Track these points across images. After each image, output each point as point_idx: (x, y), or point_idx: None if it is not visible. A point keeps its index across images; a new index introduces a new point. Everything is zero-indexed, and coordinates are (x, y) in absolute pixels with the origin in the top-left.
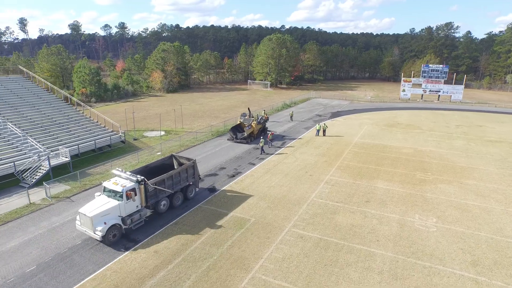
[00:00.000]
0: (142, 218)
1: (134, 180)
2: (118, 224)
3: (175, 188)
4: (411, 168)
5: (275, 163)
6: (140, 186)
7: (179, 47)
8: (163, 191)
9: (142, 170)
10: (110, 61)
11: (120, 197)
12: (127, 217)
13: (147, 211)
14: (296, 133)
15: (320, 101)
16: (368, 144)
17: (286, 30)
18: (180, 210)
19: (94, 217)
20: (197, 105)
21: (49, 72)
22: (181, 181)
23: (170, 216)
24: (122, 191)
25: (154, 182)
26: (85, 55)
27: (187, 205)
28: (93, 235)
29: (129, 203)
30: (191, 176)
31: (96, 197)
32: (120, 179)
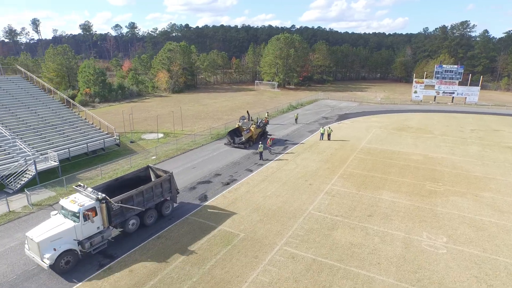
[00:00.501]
0: (105, 240)
1: (94, 198)
2: (73, 249)
3: (147, 205)
4: (420, 178)
5: (273, 169)
6: (101, 205)
7: (185, 47)
8: (131, 209)
9: (112, 184)
10: (116, 61)
11: (76, 218)
12: (85, 240)
13: (112, 231)
14: (300, 136)
15: (328, 102)
16: (375, 150)
17: (297, 30)
18: (166, 222)
19: (42, 242)
20: (201, 106)
21: (55, 72)
22: (154, 197)
23: (154, 228)
24: (78, 211)
25: (119, 199)
26: (96, 55)
27: (174, 216)
28: (41, 263)
29: (87, 224)
30: (167, 191)
31: (52, 217)
32: (80, 196)
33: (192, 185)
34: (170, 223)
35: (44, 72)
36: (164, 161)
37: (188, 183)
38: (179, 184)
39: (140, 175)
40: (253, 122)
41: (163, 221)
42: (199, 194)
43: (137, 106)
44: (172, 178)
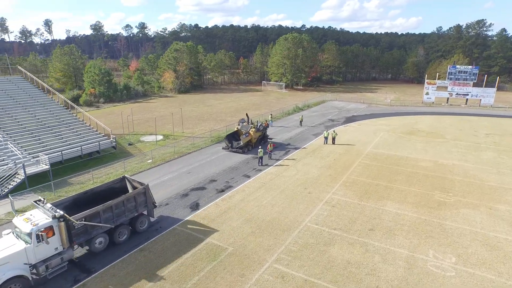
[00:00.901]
0: (65, 261)
1: (51, 215)
2: (23, 276)
3: (118, 221)
4: (428, 187)
5: (272, 176)
6: (59, 224)
7: (192, 46)
8: (98, 226)
9: (80, 197)
10: (124, 61)
11: (29, 239)
12: (40, 263)
13: (75, 251)
14: (303, 140)
15: (336, 104)
16: (381, 155)
17: (307, 30)
18: (152, 233)
19: None
20: (205, 107)
21: (62, 72)
22: (126, 212)
23: (139, 239)
24: (31, 231)
25: (82, 216)
26: (107, 55)
27: (162, 226)
28: None
29: (41, 245)
30: (142, 205)
31: (4, 236)
32: (37, 213)
33: (185, 192)
34: (156, 233)
35: (51, 72)
36: (160, 165)
37: (181, 190)
38: (172, 191)
39: (115, 187)
40: (252, 126)
41: (149, 231)
42: (191, 202)
43: (141, 106)
44: (148, 190)
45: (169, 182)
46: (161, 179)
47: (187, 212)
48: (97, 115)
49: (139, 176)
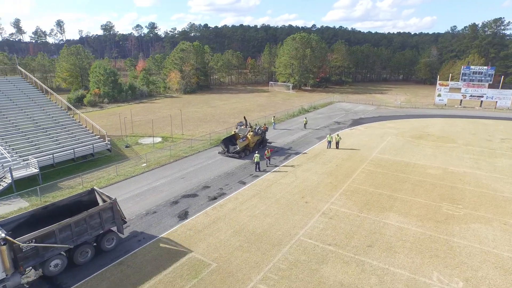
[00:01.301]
0: None
1: None
2: None
3: (78, 240)
4: (436, 197)
5: (269, 183)
6: (1, 248)
7: (198, 46)
8: (52, 248)
9: (39, 212)
10: (130, 61)
11: None
12: None
13: (21, 278)
14: (306, 144)
15: (343, 105)
16: (387, 161)
17: (317, 30)
18: (134, 244)
19: None
20: (209, 108)
21: (68, 72)
22: (89, 230)
23: (119, 252)
24: None
25: (31, 237)
26: (118, 55)
27: (145, 238)
28: None
29: None
30: (109, 221)
31: None
32: None
33: (175, 199)
34: (138, 245)
35: (58, 72)
36: (155, 169)
37: (172, 197)
38: (162, 197)
39: (83, 200)
40: (250, 129)
41: (130, 242)
42: (180, 211)
43: (145, 107)
44: (115, 205)
45: (161, 187)
46: (153, 184)
47: (174, 222)
48: (100, 116)
49: (131, 180)
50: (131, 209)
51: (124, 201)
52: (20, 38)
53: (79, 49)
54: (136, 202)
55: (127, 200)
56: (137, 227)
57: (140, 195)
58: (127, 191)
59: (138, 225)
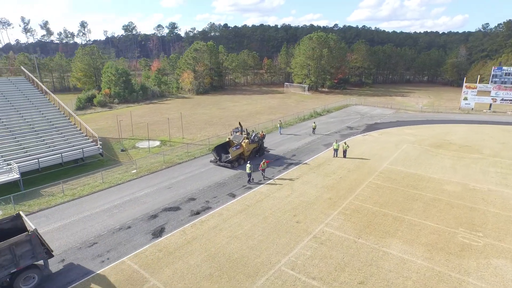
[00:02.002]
0: None
1: None
2: None
3: None
4: (451, 221)
5: (261, 196)
6: None
7: (212, 46)
8: None
9: None
10: (145, 61)
11: None
12: None
13: None
14: (311, 151)
15: (359, 109)
16: (398, 174)
17: (339, 29)
18: (96, 266)
19: None
20: (218, 110)
21: (82, 72)
22: None
23: (73, 275)
24: None
25: None
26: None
27: (110, 258)
28: None
29: None
30: (27, 257)
31: None
32: None
33: (155, 212)
34: (99, 267)
35: (73, 72)
36: (144, 177)
37: (152, 210)
38: (142, 210)
39: (5, 228)
40: (245, 136)
41: (92, 265)
42: (156, 227)
43: (154, 108)
44: (36, 238)
45: (144, 198)
46: (137, 194)
47: (147, 240)
48: (106, 117)
49: (116, 189)
50: (105, 222)
51: (100, 213)
52: (53, 39)
53: (93, 49)
54: (112, 215)
55: (104, 212)
56: (105, 245)
57: (119, 206)
58: (107, 201)
59: (107, 242)
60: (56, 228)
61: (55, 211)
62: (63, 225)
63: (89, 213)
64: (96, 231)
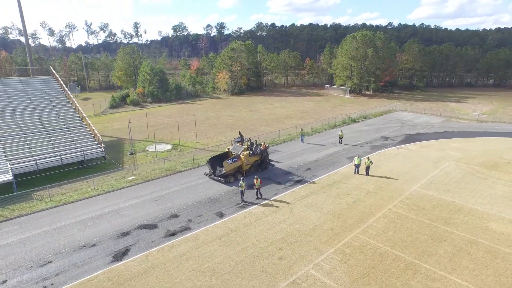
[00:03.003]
0: None
1: None
2: None
3: None
4: (490, 280)
5: (251, 219)
6: None
7: (250, 46)
8: None
9: None
10: (185, 60)
11: None
12: None
13: None
14: (329, 165)
15: (402, 115)
16: (429, 201)
17: (393, 28)
18: None
19: None
20: (246, 112)
21: (122, 71)
22: None
23: None
24: None
25: None
26: (190, 54)
27: (53, 284)
28: None
29: None
30: None
31: None
32: None
33: (129, 229)
34: None
35: (114, 71)
36: (138, 185)
37: (127, 225)
38: (116, 225)
39: None
40: (245, 148)
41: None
42: (121, 248)
43: (183, 108)
44: None
45: (125, 211)
46: (121, 205)
47: (104, 263)
48: (135, 116)
49: (103, 197)
50: (72, 237)
51: (73, 225)
52: (116, 40)
53: (133, 49)
54: (84, 228)
55: (77, 224)
56: (58, 266)
57: (96, 218)
58: (87, 211)
59: (61, 263)
60: (21, 240)
61: (32, 219)
62: (29, 236)
63: (62, 224)
64: (58, 247)
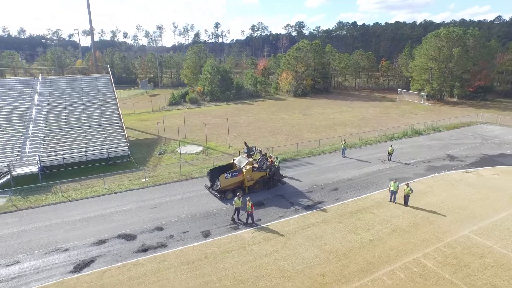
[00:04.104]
0: None
1: None
2: None
3: None
4: None
5: (235, 246)
6: None
7: (317, 45)
8: None
9: None
10: (252, 59)
11: None
12: None
13: None
14: (363, 187)
15: (487, 129)
16: (483, 256)
17: (503, 23)
18: None
19: None
20: (300, 116)
21: (189, 69)
22: None
23: None
24: None
25: None
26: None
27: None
28: None
29: None
30: None
31: None
32: None
33: (107, 237)
34: None
35: (183, 69)
36: (146, 188)
37: (108, 233)
38: (98, 232)
39: None
40: (250, 161)
41: None
42: (87, 257)
43: (238, 108)
44: None
45: (117, 216)
46: (117, 208)
47: (62, 273)
48: (189, 114)
49: (106, 198)
50: (51, 238)
51: (62, 224)
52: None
53: (200, 48)
54: (69, 230)
55: (64, 225)
56: (8, 273)
57: (85, 220)
58: (82, 211)
59: (16, 268)
60: (10, 234)
61: (35, 212)
62: (18, 231)
63: (54, 222)
64: (34, 247)
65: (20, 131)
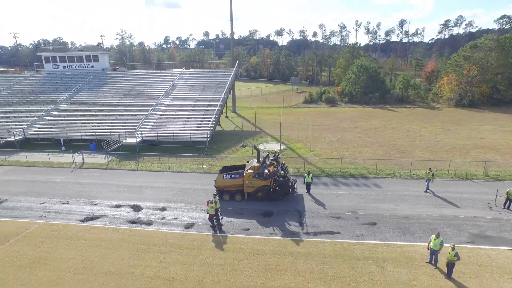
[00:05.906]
0: None
1: None
2: None
3: None
4: None
5: (160, 240)
6: None
7: (507, 41)
8: None
9: None
10: (417, 60)
11: None
12: None
13: None
14: (415, 232)
15: None
16: None
17: None
18: None
19: None
20: (431, 130)
21: (341, 68)
22: None
23: None
24: None
25: None
26: None
27: None
28: None
29: None
30: None
31: None
32: None
33: (119, 203)
34: None
35: (335, 68)
36: (196, 173)
37: (127, 200)
38: (124, 197)
39: None
40: (256, 166)
41: None
42: (89, 216)
43: (370, 113)
44: None
45: (149, 190)
46: (155, 184)
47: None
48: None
49: (159, 174)
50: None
51: (109, 186)
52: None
53: (354, 47)
54: (112, 191)
55: (111, 187)
56: None
57: (126, 187)
58: (132, 180)
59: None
60: (81, 183)
61: (108, 172)
62: (85, 183)
63: (109, 183)
64: (79, 195)
65: (145, 112)
